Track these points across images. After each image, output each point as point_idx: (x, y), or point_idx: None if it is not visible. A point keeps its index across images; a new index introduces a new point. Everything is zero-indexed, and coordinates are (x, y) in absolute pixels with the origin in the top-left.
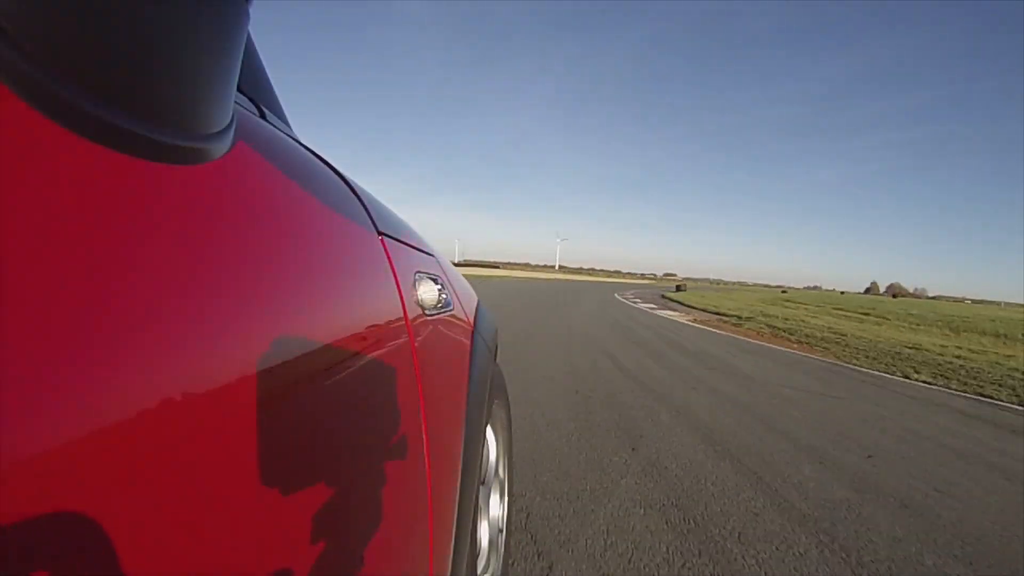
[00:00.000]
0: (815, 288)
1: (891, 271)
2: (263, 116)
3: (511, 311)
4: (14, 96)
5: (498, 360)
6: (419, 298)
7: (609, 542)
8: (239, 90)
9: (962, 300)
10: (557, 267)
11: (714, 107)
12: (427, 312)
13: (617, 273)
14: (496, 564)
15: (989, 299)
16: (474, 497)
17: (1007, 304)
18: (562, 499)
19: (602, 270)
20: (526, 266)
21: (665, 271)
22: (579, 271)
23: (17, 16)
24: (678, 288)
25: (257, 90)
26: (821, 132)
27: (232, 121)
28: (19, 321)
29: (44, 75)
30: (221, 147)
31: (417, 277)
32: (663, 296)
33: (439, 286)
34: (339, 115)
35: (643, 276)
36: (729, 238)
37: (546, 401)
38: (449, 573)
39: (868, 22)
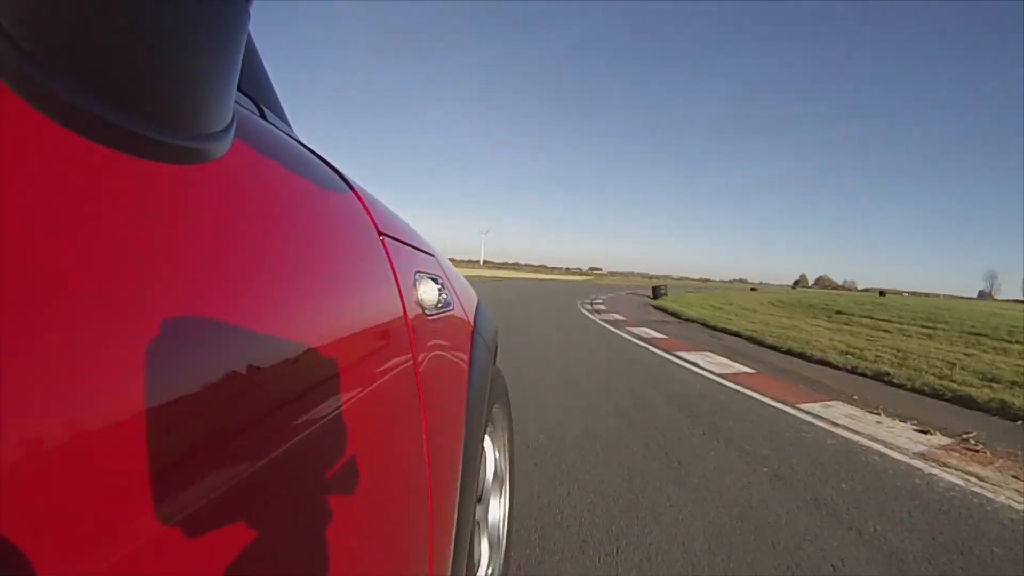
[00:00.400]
0: (741, 281)
1: (817, 265)
2: (263, 116)
3: None
4: (14, 96)
5: None
6: (419, 298)
7: None
8: (239, 90)
9: (900, 293)
10: (481, 262)
11: (640, 105)
12: (427, 312)
13: (543, 268)
14: (497, 564)
15: (921, 291)
16: (474, 495)
17: (946, 296)
18: None
19: (527, 265)
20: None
21: (591, 265)
22: (503, 266)
23: (17, 16)
24: (656, 293)
25: (257, 90)
26: (746, 130)
27: (232, 121)
28: (20, 320)
29: (44, 75)
30: (221, 147)
31: (417, 277)
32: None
33: (439, 286)
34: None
35: (568, 271)
36: (654, 233)
37: None
38: (449, 573)
39: (790, 29)
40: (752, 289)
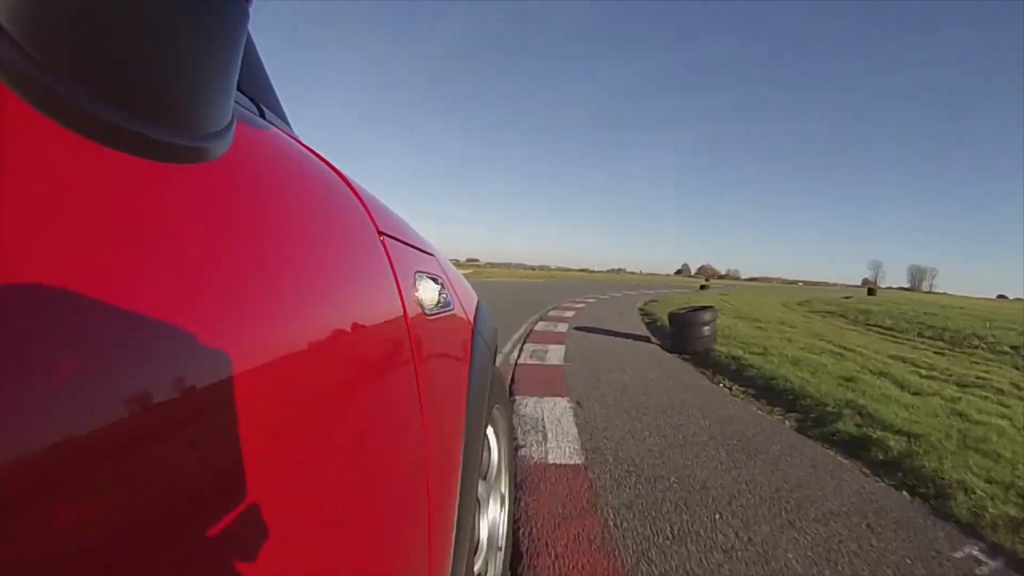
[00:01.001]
0: (619, 271)
1: (698, 255)
2: (263, 116)
3: None
4: (14, 96)
5: None
6: (419, 298)
7: None
8: (239, 90)
9: (796, 282)
10: None
11: (530, 100)
12: (427, 312)
13: None
14: (496, 567)
15: (812, 280)
16: (475, 496)
17: (843, 285)
18: None
19: None
20: None
21: (467, 256)
22: None
23: (17, 16)
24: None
25: (257, 90)
26: (630, 126)
27: (232, 121)
28: (20, 320)
29: (44, 75)
30: (221, 146)
31: (417, 277)
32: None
33: (439, 286)
34: None
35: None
36: (536, 225)
37: None
38: (449, 572)
39: (672, 30)
40: (703, 287)
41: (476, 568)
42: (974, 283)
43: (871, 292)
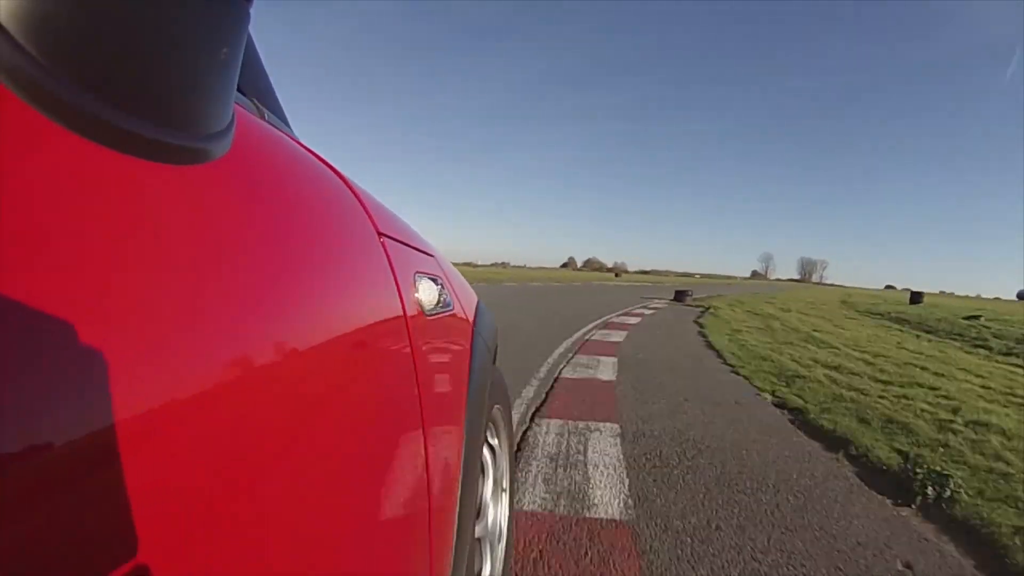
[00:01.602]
0: (503, 264)
1: (586, 248)
2: (263, 116)
3: None
4: (15, 97)
5: None
6: (419, 298)
7: None
8: (239, 90)
9: (693, 275)
10: None
11: (418, 97)
12: (427, 312)
13: None
14: (496, 568)
15: (708, 273)
16: (475, 498)
17: (743, 278)
18: None
19: None
20: None
21: None
22: None
23: (18, 16)
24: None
25: (257, 90)
26: (520, 120)
27: (232, 121)
28: (20, 320)
29: (45, 76)
30: (221, 147)
31: (417, 277)
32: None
33: (439, 286)
34: None
35: None
36: (423, 218)
37: None
38: (450, 573)
39: (568, 28)
40: (616, 275)
41: (476, 566)
42: (862, 274)
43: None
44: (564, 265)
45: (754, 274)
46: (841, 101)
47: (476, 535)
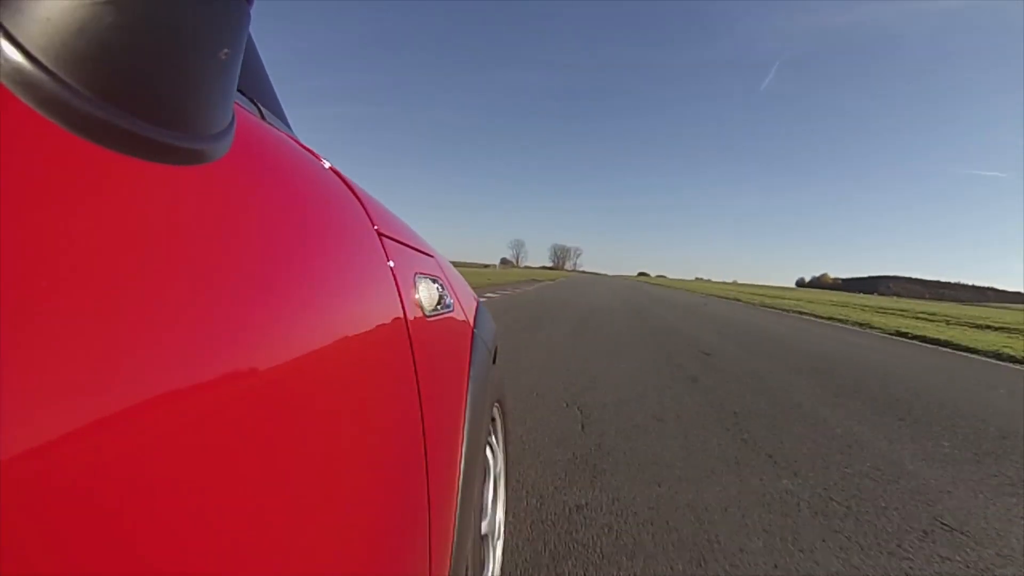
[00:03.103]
0: None
1: None
2: (263, 116)
3: None
4: (14, 98)
5: None
6: (418, 299)
7: None
8: (239, 90)
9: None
10: None
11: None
12: (426, 313)
13: None
14: (495, 559)
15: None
16: (475, 501)
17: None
18: None
19: None
20: None
21: None
22: None
23: (18, 17)
24: None
25: (257, 90)
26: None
27: (232, 122)
28: (20, 322)
29: (44, 76)
30: (221, 148)
31: (417, 278)
32: None
33: (438, 287)
34: None
35: None
36: None
37: None
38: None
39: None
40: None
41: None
42: (612, 261)
43: None
44: None
45: (503, 261)
46: (595, 98)
47: (479, 534)
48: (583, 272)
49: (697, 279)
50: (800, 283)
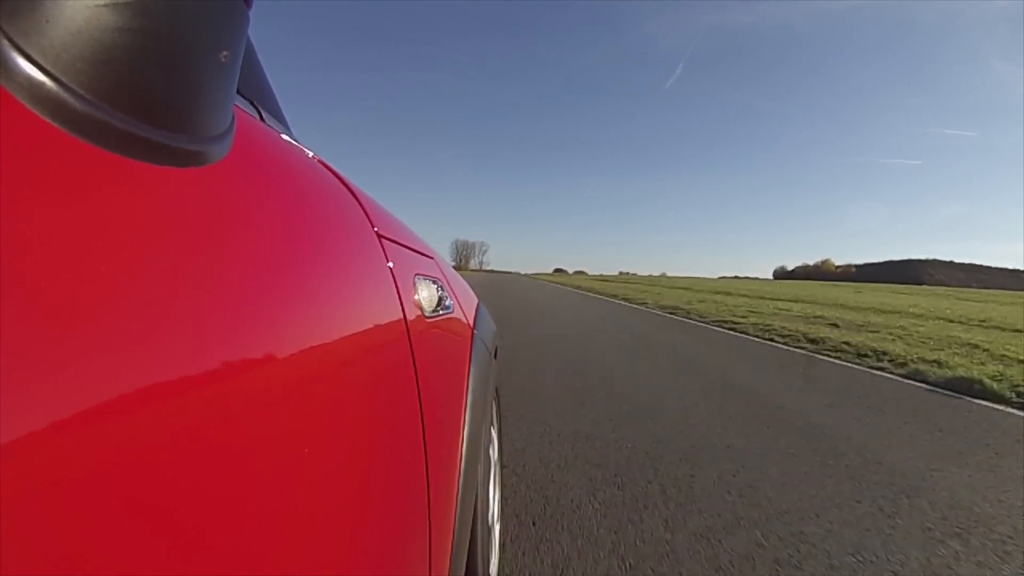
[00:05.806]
0: None
1: None
2: (262, 118)
3: None
4: (14, 99)
5: None
6: (418, 300)
7: None
8: (238, 92)
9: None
10: None
11: None
12: (427, 314)
13: None
14: (494, 556)
15: None
16: (474, 501)
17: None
18: None
19: None
20: None
21: None
22: None
23: (18, 19)
24: None
25: (256, 92)
26: None
27: (232, 124)
28: (20, 323)
29: (45, 78)
30: (220, 150)
31: (416, 279)
32: None
33: (438, 288)
34: None
35: None
36: None
37: None
38: (448, 574)
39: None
40: None
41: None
42: (522, 258)
43: None
44: None
45: None
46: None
47: (475, 531)
48: (491, 271)
49: (621, 273)
50: (780, 274)
